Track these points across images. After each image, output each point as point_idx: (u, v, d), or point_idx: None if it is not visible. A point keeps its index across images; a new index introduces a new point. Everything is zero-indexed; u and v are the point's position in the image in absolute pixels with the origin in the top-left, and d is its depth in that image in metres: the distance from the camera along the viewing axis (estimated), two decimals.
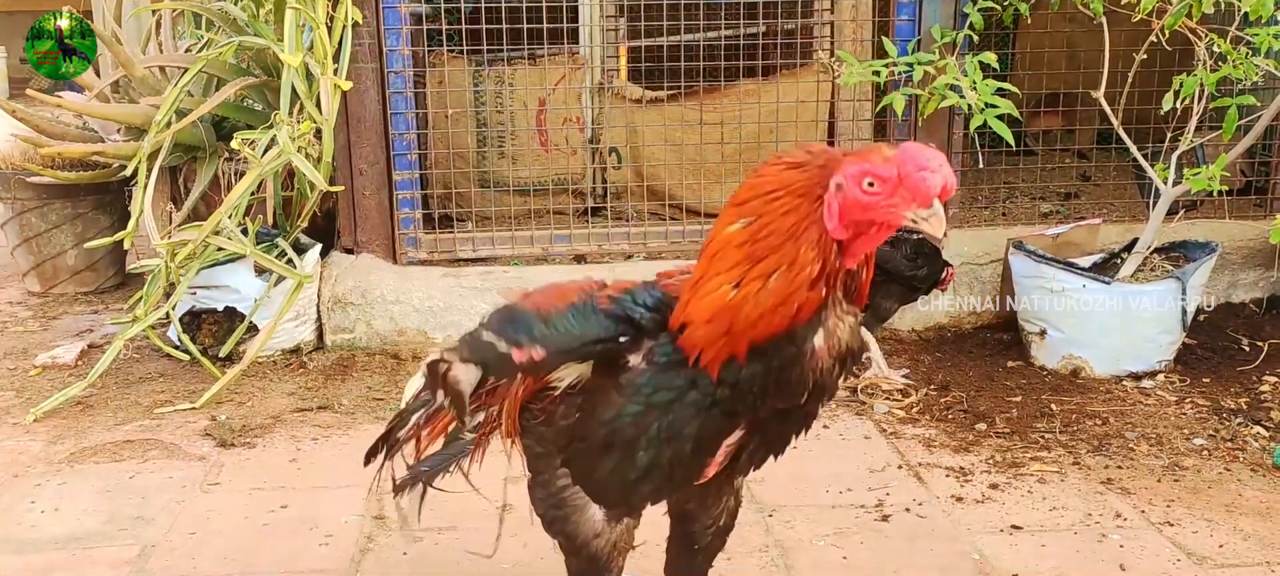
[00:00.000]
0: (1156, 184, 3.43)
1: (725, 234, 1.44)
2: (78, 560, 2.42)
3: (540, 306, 1.54)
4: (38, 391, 3.43)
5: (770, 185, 1.43)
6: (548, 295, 1.57)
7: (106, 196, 4.47)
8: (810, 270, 1.41)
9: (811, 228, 1.41)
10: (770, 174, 1.44)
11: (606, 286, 1.59)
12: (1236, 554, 2.43)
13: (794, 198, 1.41)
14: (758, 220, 1.42)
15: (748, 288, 1.42)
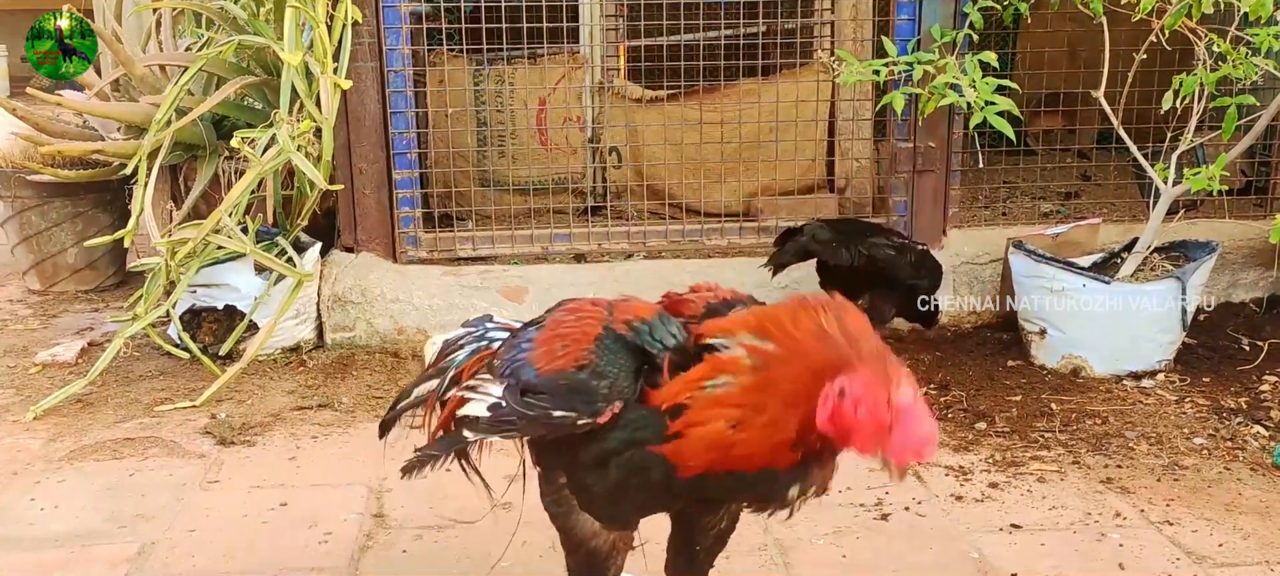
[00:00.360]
0: (1156, 183, 3.43)
1: (738, 363, 1.46)
2: (78, 558, 2.43)
3: (576, 360, 1.54)
4: (38, 389, 3.43)
5: (790, 342, 1.44)
6: (564, 340, 1.57)
7: (106, 195, 4.47)
8: (789, 436, 1.44)
9: (804, 406, 1.42)
10: (798, 329, 1.44)
11: (613, 310, 1.60)
12: (1236, 553, 2.43)
13: (804, 372, 1.42)
14: (765, 370, 1.45)
15: (742, 432, 1.45)
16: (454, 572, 2.36)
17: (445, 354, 1.89)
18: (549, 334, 1.61)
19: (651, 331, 1.53)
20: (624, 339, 1.53)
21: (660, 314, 1.57)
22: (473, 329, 1.91)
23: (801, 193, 4.41)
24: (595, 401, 1.51)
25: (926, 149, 3.87)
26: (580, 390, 1.51)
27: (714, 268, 3.94)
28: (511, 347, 1.68)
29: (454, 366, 1.83)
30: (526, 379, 1.59)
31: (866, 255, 3.34)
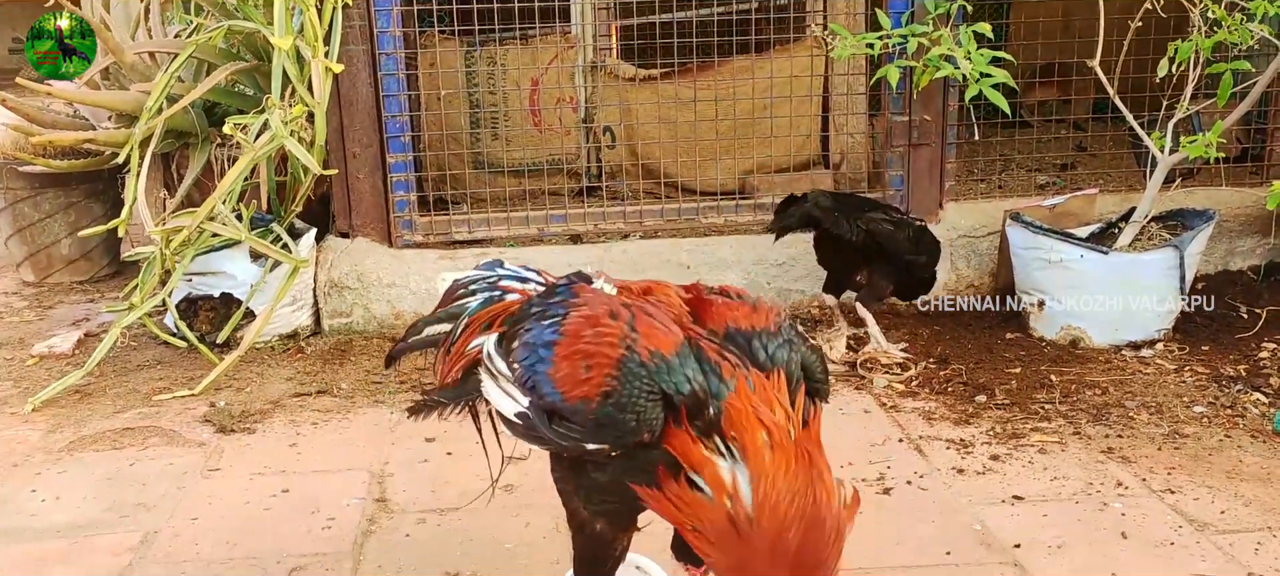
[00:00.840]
0: (1153, 152, 3.43)
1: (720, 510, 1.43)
2: (80, 548, 2.42)
3: (600, 387, 1.48)
4: (35, 381, 3.42)
5: (770, 527, 1.40)
6: (587, 359, 1.51)
7: (99, 185, 4.45)
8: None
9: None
10: (779, 510, 1.40)
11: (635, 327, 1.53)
12: (1238, 519, 2.44)
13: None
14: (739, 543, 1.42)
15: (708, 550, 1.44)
16: (458, 556, 2.35)
17: (456, 295, 1.85)
18: (569, 348, 1.54)
19: (670, 372, 1.47)
20: (647, 367, 1.47)
21: (680, 349, 1.49)
22: (486, 273, 1.86)
23: (796, 169, 4.40)
24: (625, 436, 1.47)
25: (922, 122, 3.86)
26: (610, 424, 1.47)
27: (711, 245, 3.93)
28: (528, 348, 1.60)
29: (466, 314, 1.78)
30: (551, 401, 1.54)
31: (864, 230, 3.33)
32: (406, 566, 2.32)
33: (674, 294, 1.65)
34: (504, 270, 1.87)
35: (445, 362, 1.81)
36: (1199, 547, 2.32)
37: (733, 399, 1.45)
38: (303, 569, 2.32)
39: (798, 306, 3.90)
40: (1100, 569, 2.25)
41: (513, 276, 1.85)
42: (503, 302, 1.77)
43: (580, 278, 1.72)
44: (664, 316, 1.54)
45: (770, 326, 1.55)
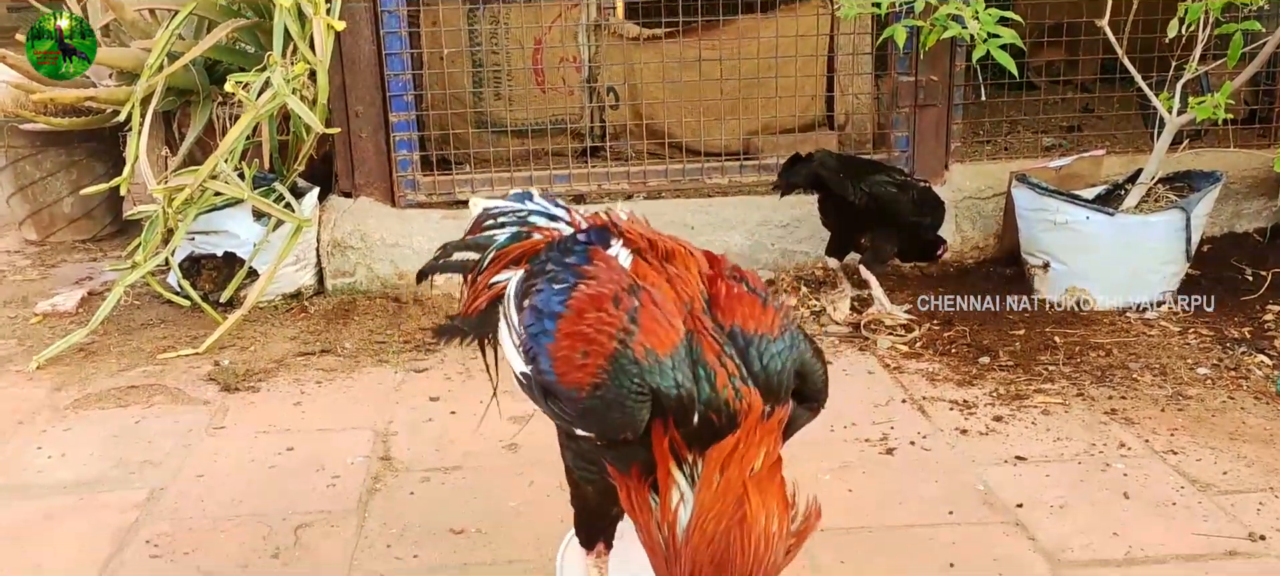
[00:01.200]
0: (1161, 113, 3.40)
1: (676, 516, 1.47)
2: (87, 504, 2.43)
3: (592, 377, 1.48)
4: (39, 339, 3.42)
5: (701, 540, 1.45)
6: (585, 344, 1.50)
7: (101, 143, 4.43)
8: None
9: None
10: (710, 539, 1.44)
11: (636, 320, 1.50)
12: (1240, 480, 2.44)
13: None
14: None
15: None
16: (463, 513, 2.36)
17: (485, 224, 1.84)
18: (571, 327, 1.52)
19: (661, 373, 1.45)
20: (640, 365, 1.45)
21: (676, 350, 1.46)
22: (516, 205, 1.84)
23: (801, 130, 4.37)
24: (609, 430, 1.48)
25: (928, 82, 3.83)
26: (596, 417, 1.48)
27: (715, 206, 3.92)
28: (536, 315, 1.59)
29: (494, 248, 1.78)
30: (548, 379, 1.54)
31: (868, 193, 3.32)
32: (412, 524, 2.33)
33: (695, 269, 1.60)
34: (534, 204, 1.85)
35: (470, 292, 1.81)
36: (1201, 507, 2.33)
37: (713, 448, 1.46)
38: (309, 525, 2.33)
39: (801, 268, 3.89)
40: (1102, 528, 2.26)
41: (542, 212, 1.82)
42: (530, 241, 1.76)
43: (599, 238, 1.66)
44: (670, 308, 1.50)
45: (773, 331, 1.53)
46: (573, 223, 1.80)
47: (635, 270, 1.58)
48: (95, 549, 2.25)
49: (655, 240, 1.64)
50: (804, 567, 2.14)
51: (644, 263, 1.60)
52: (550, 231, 1.78)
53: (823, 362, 1.60)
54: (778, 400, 1.50)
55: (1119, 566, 2.13)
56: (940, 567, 2.13)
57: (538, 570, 2.13)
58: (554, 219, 1.81)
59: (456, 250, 1.84)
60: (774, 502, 1.44)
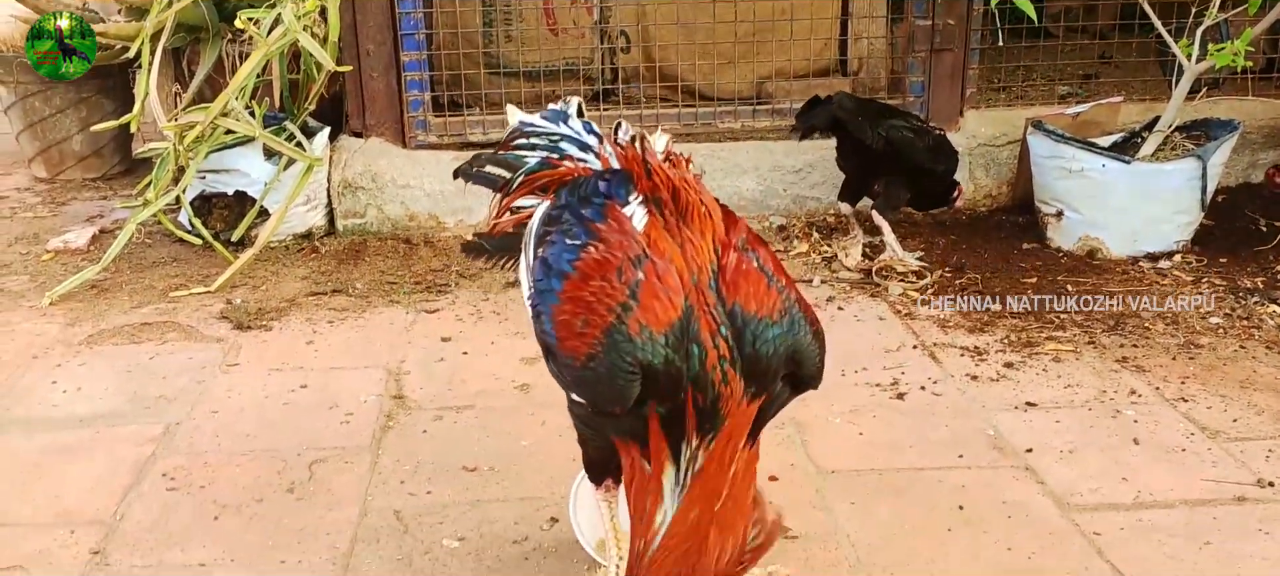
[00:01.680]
0: (1180, 60, 3.36)
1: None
2: (103, 437, 2.46)
3: (588, 349, 1.51)
4: (52, 276, 3.43)
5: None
6: (586, 313, 1.52)
7: (110, 80, 4.41)
8: None
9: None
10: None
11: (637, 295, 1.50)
12: (1249, 427, 2.45)
13: None
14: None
15: None
16: (475, 451, 2.38)
17: (517, 141, 1.84)
18: (576, 291, 1.54)
19: (654, 348, 1.46)
20: (634, 342, 1.47)
21: (672, 327, 1.47)
22: (551, 127, 1.83)
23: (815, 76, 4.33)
24: (599, 402, 1.53)
25: (945, 26, 3.79)
26: (588, 387, 1.53)
27: (727, 151, 3.90)
28: (546, 269, 1.60)
29: (523, 171, 1.79)
30: (548, 340, 1.58)
31: (884, 137, 3.29)
32: (425, 461, 2.35)
33: (710, 234, 1.59)
34: (568, 127, 1.83)
35: (497, 210, 1.83)
36: (1210, 454, 2.34)
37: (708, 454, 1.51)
38: (323, 461, 2.35)
39: (813, 214, 3.88)
40: (1111, 473, 2.27)
41: (575, 139, 1.82)
42: (558, 169, 1.76)
43: (619, 189, 1.64)
44: (673, 281, 1.51)
45: (773, 314, 1.54)
46: (602, 158, 1.78)
47: (648, 233, 1.57)
48: (113, 481, 2.27)
49: (679, 189, 1.62)
50: (814, 506, 2.16)
51: (658, 223, 1.59)
52: (577, 167, 1.77)
53: (821, 346, 1.61)
54: (763, 383, 1.52)
55: (1127, 510, 2.14)
56: (949, 510, 2.15)
57: (550, 507, 2.16)
58: (585, 149, 1.80)
59: (490, 163, 1.84)
60: (730, 533, 1.51)
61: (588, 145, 1.81)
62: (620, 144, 1.78)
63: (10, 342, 2.96)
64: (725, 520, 1.50)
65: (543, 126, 1.86)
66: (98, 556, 2.02)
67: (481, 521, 2.12)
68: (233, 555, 2.02)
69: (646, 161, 1.66)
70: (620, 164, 1.74)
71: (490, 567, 1.98)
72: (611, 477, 1.80)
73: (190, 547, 2.04)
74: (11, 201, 4.28)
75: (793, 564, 1.96)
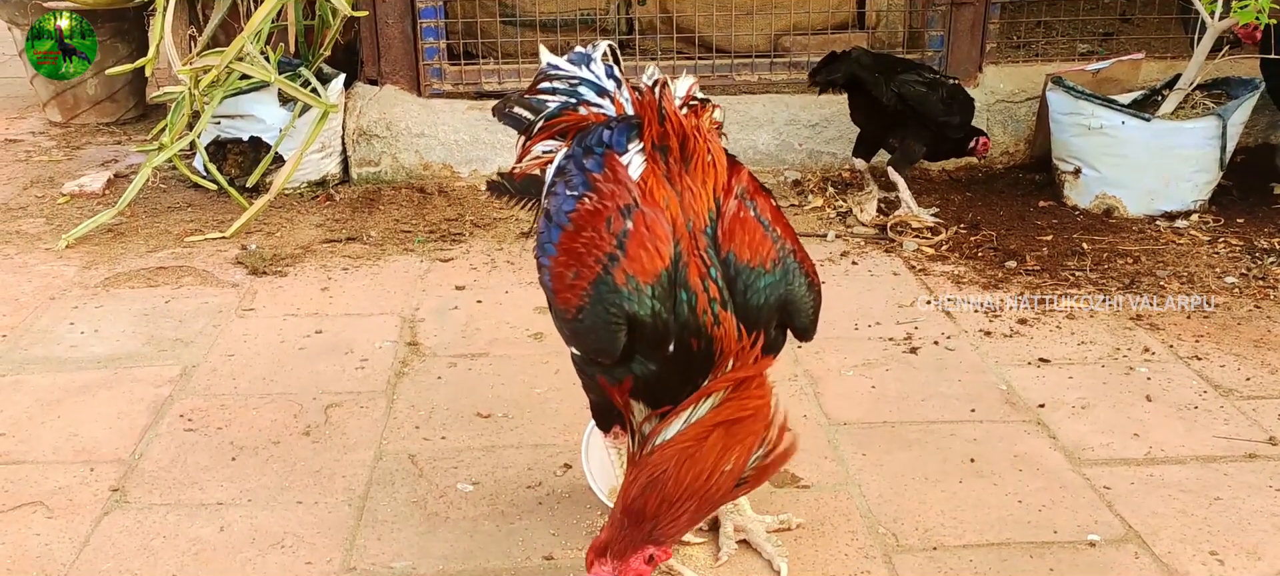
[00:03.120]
0: (1203, 16, 3.32)
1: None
2: (121, 378, 2.48)
3: (578, 300, 1.55)
4: (67, 219, 3.45)
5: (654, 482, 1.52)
6: (577, 265, 1.56)
7: (124, 23, 4.39)
8: None
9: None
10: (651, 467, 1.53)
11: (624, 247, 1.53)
12: (1262, 386, 2.45)
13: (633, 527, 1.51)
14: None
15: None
16: (489, 398, 2.40)
17: (541, 85, 1.86)
18: (570, 243, 1.58)
19: (639, 299, 1.50)
20: (620, 292, 1.50)
21: (659, 277, 1.50)
22: (573, 71, 1.85)
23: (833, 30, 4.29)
24: (587, 349, 1.59)
25: None
26: (577, 339, 1.59)
27: (743, 104, 3.88)
28: (548, 221, 1.65)
29: (543, 116, 1.81)
30: (548, 292, 1.65)
31: (897, 94, 3.27)
32: (439, 406, 2.37)
33: (712, 183, 1.60)
34: (589, 71, 1.84)
35: (520, 152, 1.85)
36: (1222, 411, 2.34)
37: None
38: (338, 405, 2.37)
39: (828, 168, 3.86)
40: (1123, 429, 2.28)
41: (593, 85, 1.83)
42: (574, 114, 1.78)
43: (622, 138, 1.65)
44: (661, 231, 1.52)
45: (766, 264, 1.56)
46: (617, 104, 1.79)
47: (644, 182, 1.58)
48: (132, 420, 2.30)
49: (688, 137, 1.63)
50: (826, 457, 2.18)
51: (658, 172, 1.59)
52: (593, 114, 1.78)
53: (816, 299, 1.63)
54: (753, 329, 1.55)
55: (1138, 466, 2.15)
56: (960, 462, 2.16)
57: (563, 453, 2.17)
58: (602, 93, 1.81)
59: (517, 104, 1.86)
60: (738, 445, 1.52)
61: (605, 90, 1.82)
62: (639, 89, 1.77)
63: (27, 284, 2.98)
64: (733, 433, 1.52)
65: (566, 70, 1.87)
66: (117, 493, 2.05)
67: (495, 466, 2.14)
68: (250, 495, 2.04)
69: (662, 108, 1.66)
70: (635, 110, 1.74)
71: (503, 512, 2.00)
72: (619, 424, 1.82)
73: (208, 487, 2.07)
74: (27, 145, 4.28)
75: (804, 512, 1.97)
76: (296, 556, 1.87)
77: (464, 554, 1.88)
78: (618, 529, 1.50)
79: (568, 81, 1.84)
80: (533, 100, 1.85)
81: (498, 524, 1.96)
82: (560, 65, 1.88)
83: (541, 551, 1.89)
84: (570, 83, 1.84)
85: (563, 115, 1.80)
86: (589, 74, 1.85)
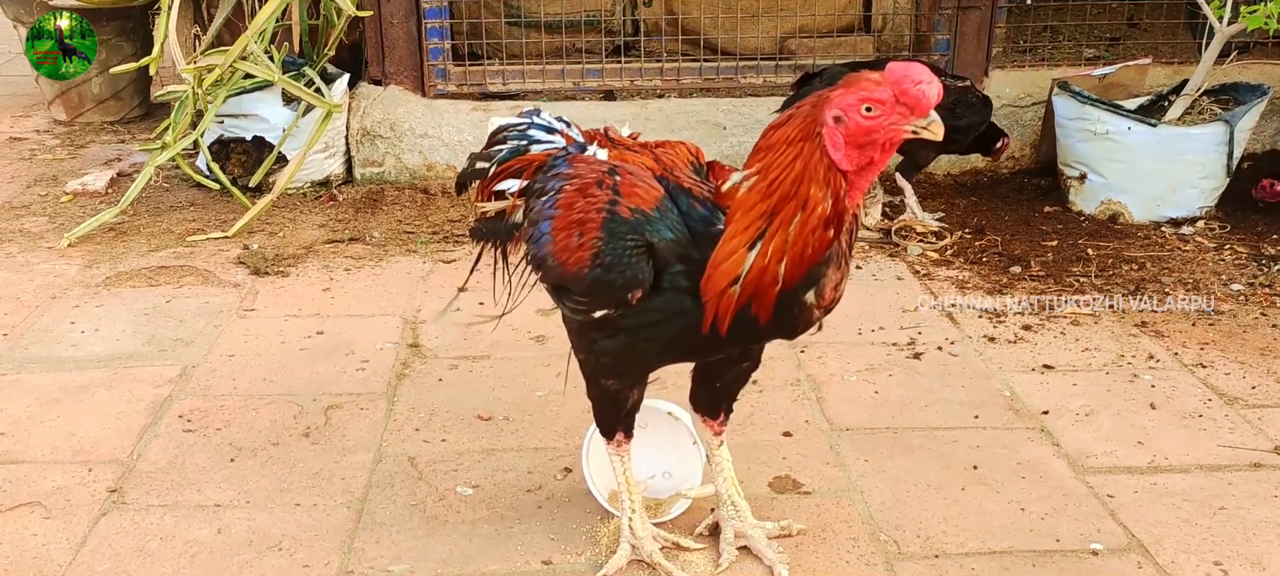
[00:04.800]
0: (1211, 21, 3.30)
1: (738, 197, 1.56)
2: (121, 377, 2.47)
3: (592, 250, 1.59)
4: (70, 217, 3.45)
5: (769, 142, 1.56)
6: (579, 226, 1.62)
7: (129, 22, 4.39)
8: (823, 208, 1.51)
9: (818, 166, 1.51)
10: (766, 135, 1.57)
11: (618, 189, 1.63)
12: (1268, 395, 2.43)
13: (794, 144, 1.52)
14: (765, 174, 1.54)
15: (768, 243, 1.52)
16: (490, 400, 2.39)
17: (495, 139, 1.94)
18: (564, 220, 1.65)
19: (651, 224, 1.58)
20: (629, 222, 1.58)
21: (661, 203, 1.60)
22: (521, 122, 1.95)
23: (838, 33, 4.28)
24: (616, 291, 1.59)
25: None
26: (604, 285, 1.59)
27: (748, 106, 3.86)
28: (534, 227, 1.71)
29: (496, 161, 1.88)
30: (556, 275, 1.66)
31: None
32: (440, 408, 2.36)
33: (681, 151, 1.75)
34: (538, 119, 1.94)
35: (478, 196, 1.93)
36: (1227, 420, 2.32)
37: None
38: (339, 407, 2.36)
39: None
40: (1127, 437, 2.26)
41: (543, 126, 1.92)
42: (527, 155, 1.86)
43: (578, 149, 1.81)
44: (646, 174, 1.65)
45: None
46: (566, 137, 1.88)
47: (615, 156, 1.74)
48: (130, 420, 2.29)
49: (648, 144, 1.78)
50: (828, 463, 2.16)
51: (624, 153, 1.75)
52: (545, 148, 1.86)
53: None
54: None
55: (1142, 474, 2.13)
56: (963, 469, 2.14)
57: (564, 457, 2.16)
58: (551, 132, 1.90)
59: (477, 160, 1.93)
60: (845, 264, 1.62)
61: (553, 128, 1.91)
62: (586, 130, 1.90)
63: (29, 283, 2.97)
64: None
65: (515, 122, 1.95)
66: (115, 494, 2.04)
67: (495, 469, 2.13)
68: (248, 497, 2.04)
69: (610, 137, 1.82)
70: (584, 138, 1.87)
71: (503, 515, 1.99)
72: (623, 431, 1.81)
73: (206, 488, 2.06)
74: (31, 143, 4.29)
75: (805, 519, 1.96)
76: (294, 559, 1.86)
77: (462, 557, 1.87)
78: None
79: (517, 130, 1.92)
80: (490, 151, 1.91)
81: (497, 527, 1.95)
82: (510, 121, 1.95)
83: (540, 555, 1.87)
84: (520, 131, 1.91)
85: (515, 158, 1.86)
86: (539, 121, 1.93)
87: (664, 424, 1.99)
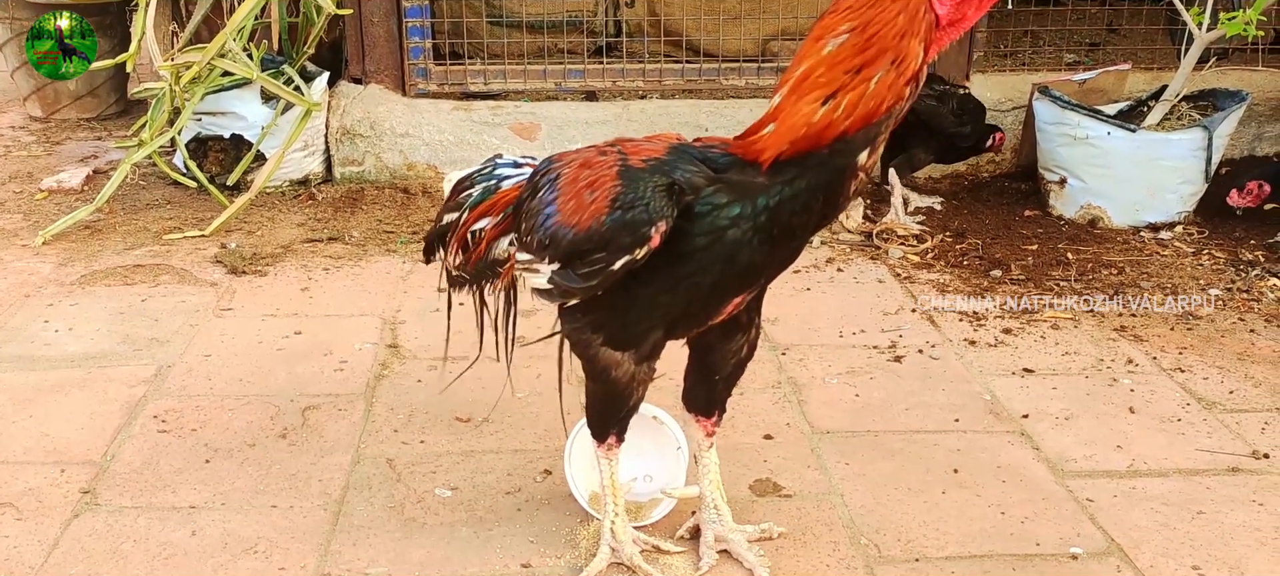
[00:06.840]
0: (1190, 27, 3.32)
1: (823, 54, 1.46)
2: (95, 377, 2.44)
3: (608, 197, 1.55)
4: (45, 215, 3.41)
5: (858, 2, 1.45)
6: (590, 186, 1.59)
7: (106, 18, 4.34)
8: (916, 65, 1.45)
9: (922, 22, 1.44)
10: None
11: (624, 153, 1.61)
12: (1246, 399, 2.44)
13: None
14: (863, 30, 1.44)
15: (842, 97, 1.44)
16: (469, 402, 2.37)
17: (460, 190, 1.92)
18: (570, 191, 1.62)
19: (666, 168, 1.56)
20: (643, 171, 1.56)
21: (671, 149, 1.59)
22: (484, 168, 1.94)
23: None
24: (640, 230, 1.52)
25: None
26: (625, 227, 1.53)
27: (731, 108, 3.86)
28: (535, 217, 1.67)
29: (468, 205, 1.86)
30: (567, 241, 1.60)
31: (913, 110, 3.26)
32: (418, 410, 2.34)
33: (673, 138, 1.72)
34: (502, 160, 1.94)
35: (453, 243, 1.91)
36: (1206, 424, 2.33)
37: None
38: (316, 407, 2.34)
39: None
40: (1106, 441, 2.27)
41: (508, 164, 1.91)
42: (500, 190, 1.84)
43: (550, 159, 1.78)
44: (650, 141, 1.64)
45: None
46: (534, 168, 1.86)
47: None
48: (104, 421, 2.26)
49: (635, 139, 1.73)
50: (809, 466, 2.16)
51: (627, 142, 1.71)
52: (515, 182, 1.84)
53: None
54: None
55: (1121, 478, 2.14)
56: (943, 472, 2.14)
57: (543, 459, 2.15)
58: (517, 166, 1.89)
59: (444, 215, 1.93)
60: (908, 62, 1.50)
61: (520, 164, 1.90)
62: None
63: (2, 281, 2.93)
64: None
65: (477, 170, 1.94)
66: (88, 496, 2.01)
67: (474, 471, 2.12)
68: (224, 499, 2.01)
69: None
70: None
71: (482, 518, 1.97)
72: (616, 433, 1.79)
73: (181, 490, 2.04)
74: (6, 140, 4.23)
75: (785, 522, 1.95)
76: (269, 561, 1.84)
77: (440, 560, 1.85)
78: None
79: (482, 176, 1.90)
80: (457, 201, 1.90)
81: (475, 530, 1.94)
82: (469, 171, 1.94)
83: (519, 558, 1.86)
84: (484, 175, 1.90)
85: (488, 198, 1.85)
86: (502, 161, 1.92)
87: (648, 427, 1.98)
